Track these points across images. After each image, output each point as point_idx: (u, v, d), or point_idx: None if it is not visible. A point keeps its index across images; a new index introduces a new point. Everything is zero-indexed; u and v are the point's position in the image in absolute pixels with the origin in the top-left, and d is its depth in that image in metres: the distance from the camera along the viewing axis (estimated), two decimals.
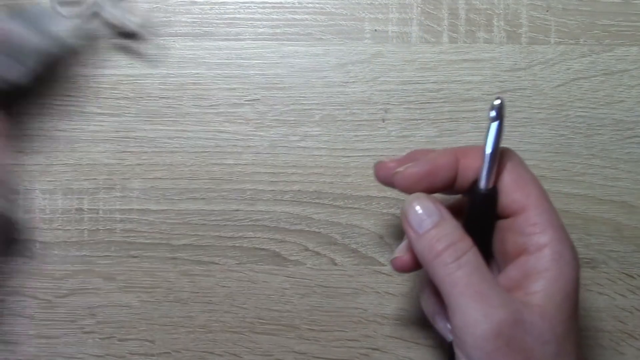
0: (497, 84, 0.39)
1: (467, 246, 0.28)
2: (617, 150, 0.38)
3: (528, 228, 0.28)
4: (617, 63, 0.39)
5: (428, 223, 0.28)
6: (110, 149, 0.38)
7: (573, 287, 0.28)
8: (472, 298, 0.27)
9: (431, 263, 0.28)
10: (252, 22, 0.39)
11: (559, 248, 0.28)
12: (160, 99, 0.38)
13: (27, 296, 0.38)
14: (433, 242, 0.28)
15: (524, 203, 0.28)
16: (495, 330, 0.26)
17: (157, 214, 0.38)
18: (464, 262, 0.27)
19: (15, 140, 0.38)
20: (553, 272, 0.27)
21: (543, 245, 0.28)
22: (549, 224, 0.28)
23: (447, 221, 0.29)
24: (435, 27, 0.39)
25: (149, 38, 0.38)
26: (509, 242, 0.29)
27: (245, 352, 0.38)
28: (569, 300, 0.27)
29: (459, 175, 0.30)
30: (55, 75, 0.36)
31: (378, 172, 0.32)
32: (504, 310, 0.26)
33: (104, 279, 0.38)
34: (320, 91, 0.39)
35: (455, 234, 0.28)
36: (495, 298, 0.27)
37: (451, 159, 0.30)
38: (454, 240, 0.28)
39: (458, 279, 0.27)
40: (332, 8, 0.39)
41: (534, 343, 0.26)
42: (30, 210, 0.38)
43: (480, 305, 0.26)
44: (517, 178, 0.29)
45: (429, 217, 0.29)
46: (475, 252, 0.28)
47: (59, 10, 0.32)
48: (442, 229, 0.28)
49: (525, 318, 0.26)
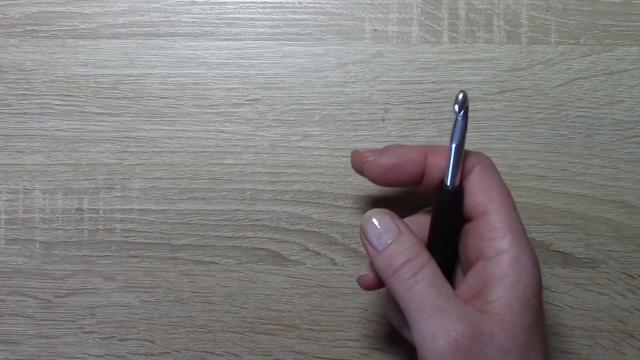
0: (497, 84, 0.39)
1: (424, 261, 0.28)
2: (617, 150, 0.38)
3: (488, 233, 0.28)
4: (617, 63, 0.39)
5: (386, 239, 0.29)
6: (110, 149, 0.38)
7: (533, 293, 0.27)
8: (429, 313, 0.27)
9: (389, 279, 0.28)
10: (252, 22, 0.39)
11: (517, 254, 0.27)
12: (160, 99, 0.38)
13: (27, 296, 0.38)
14: (391, 258, 0.28)
15: (486, 207, 0.28)
16: (453, 345, 0.26)
17: (157, 214, 0.38)
18: (421, 277, 0.27)
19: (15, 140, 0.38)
20: (511, 279, 0.27)
21: (501, 251, 0.27)
22: (509, 229, 0.28)
23: (405, 236, 0.29)
24: (435, 27, 0.39)
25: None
26: (469, 247, 0.29)
27: (245, 352, 0.38)
28: (529, 307, 0.27)
29: (427, 172, 0.30)
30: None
31: (353, 160, 0.32)
32: (462, 324, 0.26)
33: (104, 279, 0.38)
34: (320, 91, 0.39)
35: (413, 249, 0.28)
36: (452, 312, 0.26)
37: (419, 155, 0.30)
38: (411, 255, 0.28)
39: (415, 294, 0.27)
40: (332, 8, 0.39)
41: (495, 354, 0.26)
42: (30, 210, 0.38)
43: (437, 320, 0.26)
44: (482, 181, 0.29)
45: (387, 232, 0.29)
46: (433, 267, 0.28)
47: None
48: (400, 245, 0.28)
49: (484, 329, 0.26)
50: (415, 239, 0.29)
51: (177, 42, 0.39)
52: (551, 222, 0.38)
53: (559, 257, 0.38)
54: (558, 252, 0.38)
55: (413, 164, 0.30)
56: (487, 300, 0.27)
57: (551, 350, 0.38)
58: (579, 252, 0.38)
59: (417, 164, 0.30)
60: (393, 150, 0.31)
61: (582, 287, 0.38)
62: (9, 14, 0.39)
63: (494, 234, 0.28)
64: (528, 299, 0.27)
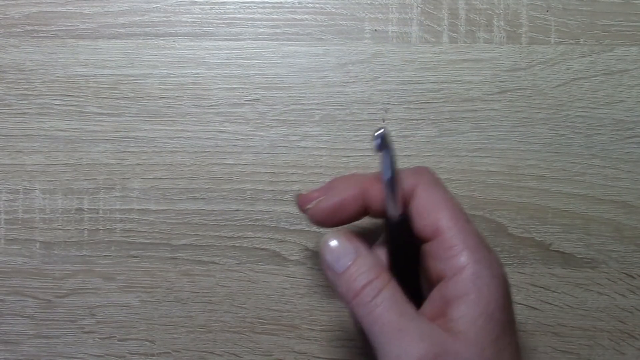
0: (497, 84, 0.39)
1: (384, 282, 0.27)
2: (617, 150, 0.38)
3: (444, 252, 0.28)
4: (617, 63, 0.39)
5: (345, 261, 0.28)
6: (110, 149, 0.38)
7: (498, 306, 0.27)
8: (391, 335, 0.26)
9: (351, 303, 0.28)
10: (252, 22, 0.39)
11: (476, 269, 0.27)
12: (160, 99, 0.38)
13: (27, 296, 0.38)
14: (351, 281, 0.28)
15: (437, 226, 0.28)
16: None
17: (157, 214, 0.38)
18: (381, 299, 0.27)
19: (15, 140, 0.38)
20: (472, 296, 0.27)
21: (460, 268, 0.27)
22: (464, 245, 0.27)
23: (363, 257, 0.28)
24: (435, 27, 0.39)
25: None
26: (430, 268, 0.29)
27: (246, 352, 0.38)
28: (493, 320, 0.26)
29: (370, 205, 0.29)
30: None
31: (298, 204, 0.31)
32: (425, 344, 0.26)
33: (104, 279, 0.38)
34: (320, 91, 0.39)
35: (372, 270, 0.28)
36: (415, 332, 0.26)
37: (356, 192, 0.29)
38: (370, 277, 0.28)
39: (377, 316, 0.27)
40: (332, 8, 0.39)
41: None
42: (30, 210, 0.38)
43: (399, 341, 0.26)
44: (427, 201, 0.28)
45: (345, 255, 0.28)
46: (393, 287, 0.27)
47: None
48: (359, 267, 0.28)
49: (448, 348, 0.26)
50: (374, 260, 0.28)
51: (177, 42, 0.39)
52: (551, 222, 0.38)
53: (559, 257, 0.38)
54: (558, 252, 0.38)
55: (352, 203, 0.29)
56: (450, 319, 0.27)
57: (551, 350, 0.38)
58: (579, 252, 0.38)
59: (356, 202, 0.29)
60: (333, 188, 0.30)
61: (582, 287, 0.38)
62: (9, 14, 0.39)
63: (450, 253, 0.27)
64: (492, 312, 0.27)
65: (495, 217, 0.38)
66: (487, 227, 0.38)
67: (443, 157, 0.38)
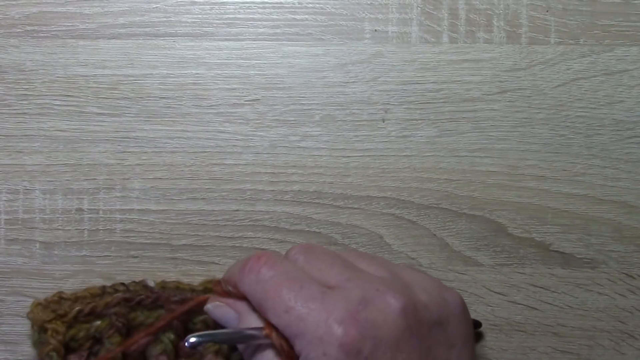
0: (497, 84, 0.39)
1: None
2: (617, 150, 0.38)
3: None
4: (617, 63, 0.39)
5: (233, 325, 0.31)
6: (110, 149, 0.38)
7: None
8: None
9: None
10: (252, 22, 0.39)
11: (306, 353, 0.27)
12: (160, 99, 0.38)
13: (27, 296, 0.38)
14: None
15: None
16: None
17: (157, 214, 0.38)
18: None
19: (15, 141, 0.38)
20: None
21: (299, 353, 0.28)
22: (294, 335, 0.28)
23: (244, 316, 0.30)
24: (435, 27, 0.39)
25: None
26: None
27: None
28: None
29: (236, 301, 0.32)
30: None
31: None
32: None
33: (104, 279, 0.38)
34: (320, 91, 0.39)
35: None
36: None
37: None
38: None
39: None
40: (332, 8, 0.39)
41: None
42: (30, 210, 0.38)
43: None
44: (255, 305, 0.30)
45: (229, 320, 0.31)
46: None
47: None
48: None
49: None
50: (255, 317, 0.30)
51: (177, 43, 0.39)
52: (551, 222, 0.38)
53: (559, 257, 0.38)
54: (558, 252, 0.38)
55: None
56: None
57: (551, 350, 0.38)
58: (579, 252, 0.38)
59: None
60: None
61: (582, 287, 0.38)
62: (9, 14, 0.39)
63: (291, 341, 0.28)
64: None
65: (495, 217, 0.38)
66: (487, 227, 0.38)
67: (443, 157, 0.38)
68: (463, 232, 0.38)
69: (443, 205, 0.38)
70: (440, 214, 0.38)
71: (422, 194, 0.38)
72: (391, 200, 0.38)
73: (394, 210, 0.38)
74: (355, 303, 0.28)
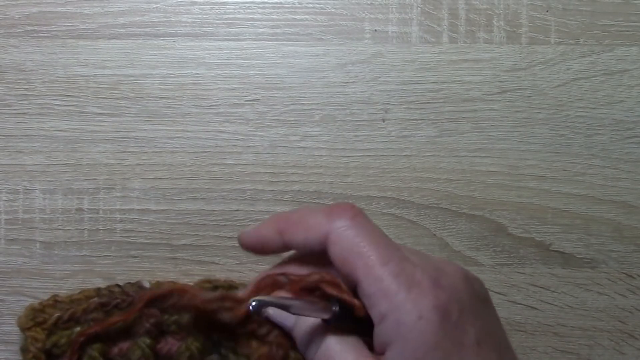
0: (497, 84, 0.39)
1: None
2: (617, 150, 0.38)
3: (366, 300, 0.27)
4: (617, 63, 0.39)
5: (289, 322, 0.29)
6: (110, 149, 0.38)
7: (428, 347, 0.26)
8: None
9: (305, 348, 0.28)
10: (252, 22, 0.39)
11: (396, 316, 0.26)
12: (160, 99, 0.38)
13: (27, 296, 0.38)
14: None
15: (354, 277, 0.27)
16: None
17: (157, 214, 0.38)
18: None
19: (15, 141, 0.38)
20: (397, 344, 0.26)
21: (382, 317, 0.27)
22: (382, 293, 0.26)
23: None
24: (435, 27, 0.39)
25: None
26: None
27: None
28: (429, 357, 0.26)
29: (290, 243, 0.29)
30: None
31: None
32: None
33: (104, 279, 0.38)
34: (320, 91, 0.39)
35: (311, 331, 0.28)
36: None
37: (274, 235, 0.29)
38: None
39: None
40: (332, 8, 0.39)
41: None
42: (30, 210, 0.38)
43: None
44: (340, 252, 0.28)
45: (284, 320, 0.29)
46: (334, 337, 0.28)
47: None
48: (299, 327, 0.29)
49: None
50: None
51: (177, 43, 0.39)
52: (551, 222, 0.38)
53: (559, 257, 0.38)
54: (558, 252, 0.38)
55: (271, 242, 0.30)
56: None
57: (551, 350, 0.38)
58: (579, 252, 0.38)
59: (273, 242, 0.30)
60: (277, 222, 0.30)
61: (582, 287, 0.38)
62: (9, 14, 0.39)
63: (370, 302, 0.27)
64: (421, 356, 0.26)
65: (495, 217, 0.38)
66: (487, 227, 0.38)
67: (443, 157, 0.38)
68: (463, 232, 0.38)
69: (443, 205, 0.38)
70: (440, 213, 0.38)
71: (422, 194, 0.38)
72: (391, 200, 0.38)
73: (394, 210, 0.38)
74: (432, 270, 0.27)
